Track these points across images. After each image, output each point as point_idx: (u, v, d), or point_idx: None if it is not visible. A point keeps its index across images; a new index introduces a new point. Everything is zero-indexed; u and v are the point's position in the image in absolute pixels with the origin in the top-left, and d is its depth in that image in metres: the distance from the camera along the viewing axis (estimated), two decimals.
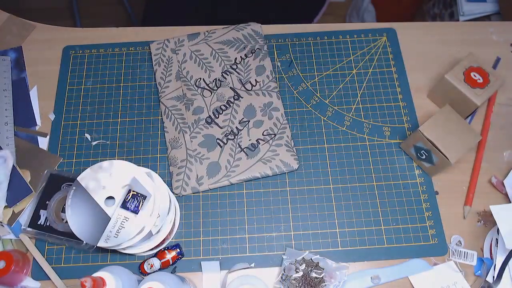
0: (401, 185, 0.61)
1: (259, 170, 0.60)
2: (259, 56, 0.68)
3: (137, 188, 0.47)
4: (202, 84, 0.66)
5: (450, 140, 0.56)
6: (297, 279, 0.54)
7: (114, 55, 0.70)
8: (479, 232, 0.58)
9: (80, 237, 0.45)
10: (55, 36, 0.72)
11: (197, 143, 0.62)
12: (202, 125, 0.63)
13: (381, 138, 0.64)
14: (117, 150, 0.63)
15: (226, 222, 0.59)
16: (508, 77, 0.69)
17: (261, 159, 0.61)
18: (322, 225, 0.59)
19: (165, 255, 0.55)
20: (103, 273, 0.42)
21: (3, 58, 0.69)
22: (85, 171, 0.48)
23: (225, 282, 0.55)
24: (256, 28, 0.71)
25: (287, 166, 0.61)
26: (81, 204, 0.47)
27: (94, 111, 0.66)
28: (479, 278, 0.56)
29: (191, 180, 0.60)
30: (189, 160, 0.61)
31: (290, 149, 0.62)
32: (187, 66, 0.68)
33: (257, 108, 0.64)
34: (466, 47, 0.71)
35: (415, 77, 0.69)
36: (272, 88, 0.66)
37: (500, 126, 0.65)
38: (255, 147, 0.62)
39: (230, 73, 0.67)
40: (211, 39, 0.70)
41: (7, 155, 0.61)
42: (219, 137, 0.63)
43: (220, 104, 0.65)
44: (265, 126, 0.63)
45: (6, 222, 0.58)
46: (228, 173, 0.60)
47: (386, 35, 0.72)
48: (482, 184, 0.61)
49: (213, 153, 0.62)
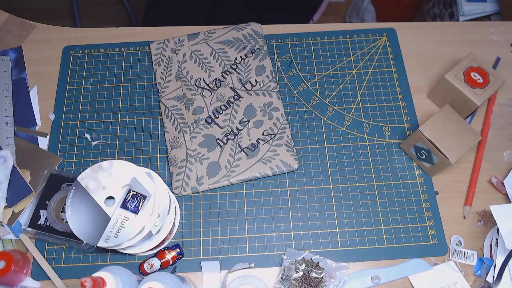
0: (401, 185, 0.61)
1: (259, 170, 0.60)
2: (259, 56, 0.68)
3: (137, 188, 0.47)
4: (202, 84, 0.66)
5: (450, 140, 0.56)
6: (297, 279, 0.54)
7: (114, 55, 0.71)
8: (479, 232, 0.58)
9: (80, 237, 0.45)
10: (55, 36, 0.72)
11: (197, 143, 0.62)
12: (202, 125, 0.63)
13: (381, 138, 0.64)
14: (117, 150, 0.63)
15: (226, 222, 0.59)
16: (508, 77, 0.69)
17: (261, 159, 0.61)
18: (322, 225, 0.59)
19: (165, 255, 0.55)
20: (103, 273, 0.42)
21: (3, 58, 0.69)
22: (85, 171, 0.48)
23: (225, 282, 0.55)
24: (256, 28, 0.71)
25: (287, 166, 0.61)
26: (81, 204, 0.47)
27: (94, 111, 0.66)
28: (479, 278, 0.56)
29: (191, 180, 0.60)
30: (189, 160, 0.61)
31: (290, 149, 0.62)
32: (187, 66, 0.68)
33: (257, 108, 0.64)
34: (466, 47, 0.71)
35: (415, 77, 0.69)
36: (272, 88, 0.66)
37: (500, 126, 0.65)
38: (255, 147, 0.62)
39: (230, 73, 0.67)
40: (211, 39, 0.70)
41: (7, 155, 0.61)
42: (219, 137, 0.63)
43: (220, 104, 0.65)
44: (265, 126, 0.63)
45: (6, 222, 0.58)
46: (228, 173, 0.60)
47: (386, 35, 0.72)
48: (482, 184, 0.61)
49: (213, 153, 0.62)
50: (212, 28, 0.71)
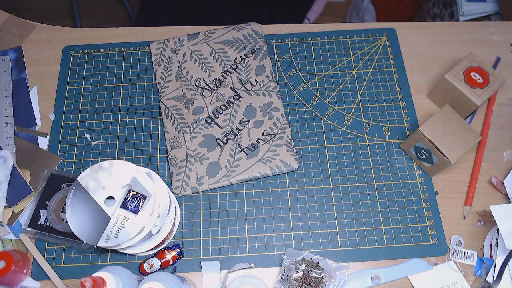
0: (401, 185, 0.61)
1: (259, 170, 0.60)
2: (259, 56, 0.68)
3: (137, 188, 0.47)
4: (202, 84, 0.66)
5: (450, 140, 0.56)
6: (297, 279, 0.54)
7: (114, 55, 0.71)
8: (479, 232, 0.58)
9: (80, 237, 0.45)
10: (55, 36, 0.72)
11: (197, 143, 0.62)
12: (202, 125, 0.63)
13: (381, 138, 0.64)
14: (117, 150, 0.63)
15: (226, 222, 0.59)
16: (508, 77, 0.69)
17: (261, 159, 0.61)
18: (322, 225, 0.59)
19: (165, 255, 0.55)
20: (103, 273, 0.42)
21: (3, 58, 0.69)
22: (85, 171, 0.48)
23: (225, 282, 0.55)
24: (256, 28, 0.71)
25: (287, 166, 0.61)
26: (81, 204, 0.47)
27: (94, 111, 0.66)
28: (479, 278, 0.56)
29: (191, 180, 0.60)
30: (189, 160, 0.61)
31: (290, 149, 0.62)
32: (187, 66, 0.68)
33: (257, 108, 0.64)
34: (466, 47, 0.71)
35: (415, 77, 0.69)
36: (272, 88, 0.66)
37: (500, 126, 0.65)
38: (255, 147, 0.62)
39: (230, 73, 0.67)
40: (211, 39, 0.70)
41: (7, 155, 0.61)
42: (219, 137, 0.63)
43: (220, 104, 0.65)
44: (265, 126, 0.63)
45: (6, 222, 0.58)
46: (228, 173, 0.60)
47: (386, 35, 0.72)
48: (482, 184, 0.61)
49: (213, 153, 0.62)
50: (212, 28, 0.71)
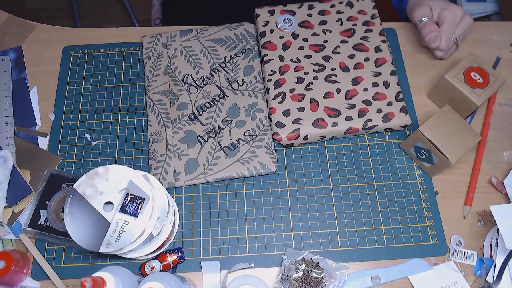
0: (401, 185, 0.61)
1: (237, 170, 0.60)
2: (249, 57, 0.68)
3: (134, 191, 0.47)
4: (189, 80, 0.66)
5: (450, 140, 0.56)
6: (297, 279, 0.54)
7: (114, 55, 0.70)
8: (479, 232, 0.58)
9: (81, 245, 0.45)
10: (55, 36, 0.72)
11: (178, 139, 0.62)
12: (185, 121, 0.63)
13: (381, 138, 0.64)
14: (117, 150, 0.63)
15: (226, 222, 0.59)
16: (508, 77, 0.69)
17: (240, 159, 0.61)
18: (322, 225, 0.59)
19: (166, 258, 0.55)
20: (103, 273, 0.42)
21: (3, 58, 0.69)
22: (81, 178, 0.47)
23: (225, 282, 0.55)
24: (249, 28, 0.71)
25: (264, 168, 0.60)
26: (80, 211, 0.46)
27: (94, 111, 0.66)
28: (479, 278, 0.56)
29: (168, 175, 0.60)
30: (168, 155, 0.61)
31: (270, 151, 0.61)
32: (176, 61, 0.68)
33: (241, 108, 0.64)
34: (466, 47, 0.71)
35: (415, 77, 0.69)
36: (259, 89, 0.66)
37: (500, 126, 0.65)
38: (235, 146, 0.62)
39: (218, 71, 0.67)
40: (203, 36, 0.70)
41: (7, 155, 0.61)
42: (200, 134, 0.62)
43: (205, 101, 0.65)
44: (247, 126, 0.63)
45: (6, 222, 0.58)
46: (205, 171, 0.60)
47: (386, 35, 0.72)
48: (482, 184, 0.61)
49: (193, 150, 0.61)
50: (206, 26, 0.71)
